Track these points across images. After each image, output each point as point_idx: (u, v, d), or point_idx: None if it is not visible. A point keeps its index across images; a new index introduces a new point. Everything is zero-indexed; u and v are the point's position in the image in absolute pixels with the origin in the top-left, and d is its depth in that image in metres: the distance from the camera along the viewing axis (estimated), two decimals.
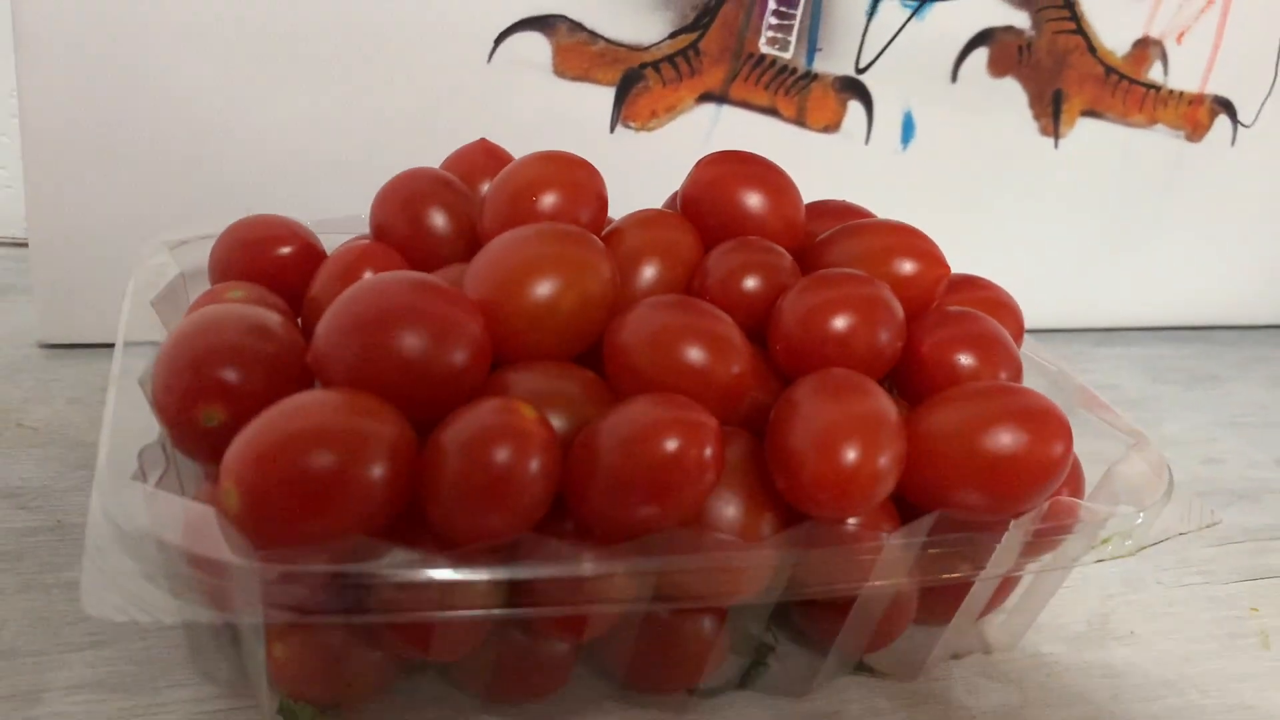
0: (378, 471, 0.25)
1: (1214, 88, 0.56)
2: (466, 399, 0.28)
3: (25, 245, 0.51)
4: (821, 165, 0.50)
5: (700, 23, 0.46)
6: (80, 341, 0.45)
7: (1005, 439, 0.30)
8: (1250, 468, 0.51)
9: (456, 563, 0.26)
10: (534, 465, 0.26)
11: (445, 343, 0.28)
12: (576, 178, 0.35)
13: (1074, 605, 0.40)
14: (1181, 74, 0.55)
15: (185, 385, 0.28)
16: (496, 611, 0.27)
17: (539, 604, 0.27)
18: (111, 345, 0.44)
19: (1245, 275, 0.63)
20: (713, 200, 0.36)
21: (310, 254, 0.36)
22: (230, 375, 0.28)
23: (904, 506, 0.31)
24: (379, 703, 0.30)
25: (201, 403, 0.28)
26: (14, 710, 0.29)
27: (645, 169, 0.44)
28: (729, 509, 0.30)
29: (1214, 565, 0.44)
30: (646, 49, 0.46)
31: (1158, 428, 0.54)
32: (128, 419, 0.29)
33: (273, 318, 0.30)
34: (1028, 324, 0.52)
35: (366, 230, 0.38)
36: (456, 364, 0.28)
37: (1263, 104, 0.57)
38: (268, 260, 0.36)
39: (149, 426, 0.29)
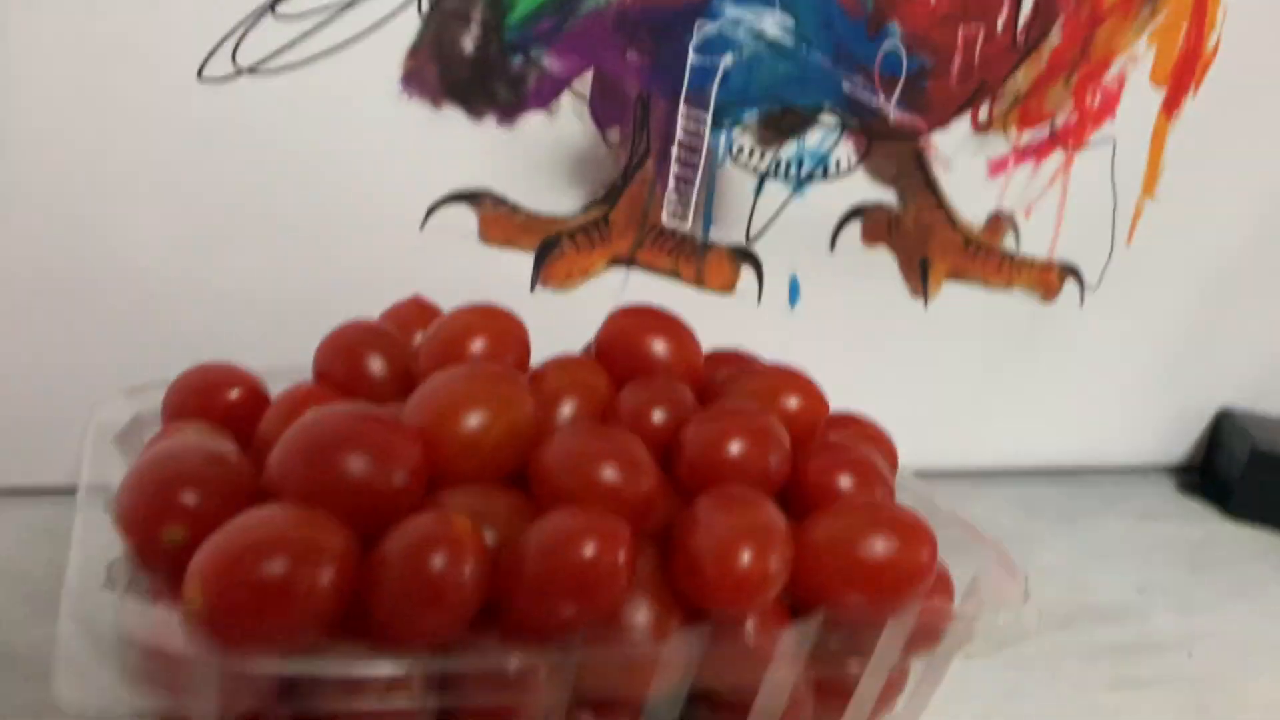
0: (326, 576, 0.28)
1: (1061, 255, 0.64)
2: (406, 515, 0.31)
3: None
4: (719, 322, 0.54)
5: (610, 198, 0.52)
6: (23, 486, 0.47)
7: (879, 545, 0.34)
8: (1115, 592, 0.56)
9: (396, 658, 0.29)
10: (467, 570, 0.29)
11: (386, 464, 0.31)
12: (503, 325, 0.40)
13: (957, 712, 0.43)
14: (1032, 243, 0.63)
15: (150, 507, 0.31)
16: (430, 707, 0.30)
17: (472, 698, 0.30)
18: (55, 491, 0.47)
19: (1104, 420, 0.70)
20: (623, 346, 0.41)
21: (257, 397, 0.40)
22: (190, 499, 0.31)
23: (795, 612, 0.35)
24: None
25: (165, 522, 0.31)
26: None
27: (562, 326, 0.48)
28: (640, 613, 0.33)
29: (1083, 679, 0.48)
30: (562, 220, 0.52)
31: (1033, 558, 0.59)
32: (93, 539, 0.31)
33: (227, 446, 0.34)
34: (910, 466, 0.58)
35: (309, 378, 0.42)
36: (396, 483, 0.31)
37: (1104, 268, 0.65)
38: (218, 403, 0.39)
39: (112, 545, 0.31)
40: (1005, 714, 0.44)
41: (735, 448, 0.36)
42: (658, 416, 0.38)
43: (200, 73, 0.44)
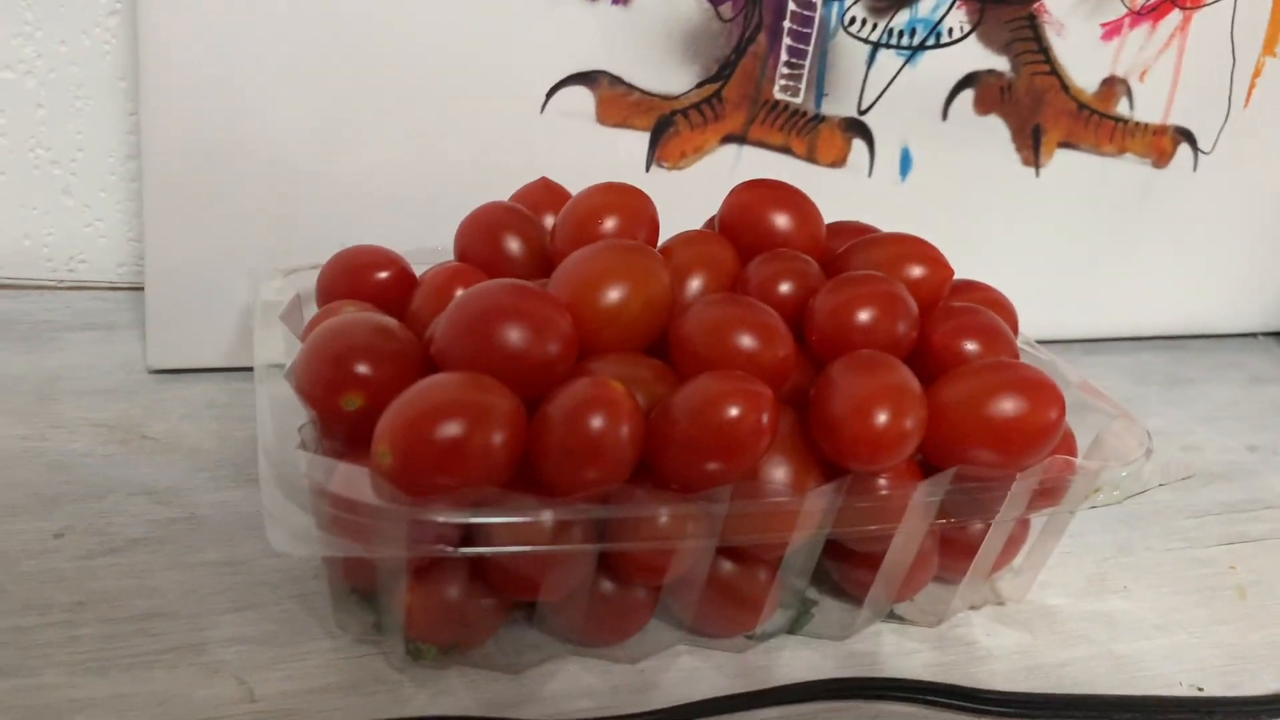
0: (499, 437, 0.31)
1: (1175, 119, 0.63)
2: (559, 384, 0.33)
3: (118, 288, 0.58)
4: (830, 196, 0.55)
5: (722, 74, 0.52)
6: (184, 367, 0.50)
7: (1008, 405, 0.35)
8: (1224, 453, 0.57)
9: (560, 508, 0.31)
10: (624, 430, 0.32)
11: (542, 334, 0.33)
12: (633, 203, 0.41)
13: (1073, 567, 0.45)
14: (1146, 108, 0.62)
15: (328, 377, 0.34)
16: (593, 547, 0.33)
17: (627, 546, 0.33)
18: (210, 369, 0.50)
19: (1213, 288, 0.70)
20: (746, 221, 0.42)
21: (405, 277, 0.42)
22: (364, 368, 0.34)
23: (927, 470, 0.37)
24: (489, 645, 0.36)
25: (343, 391, 0.33)
26: (184, 658, 0.34)
27: (677, 203, 0.50)
28: (780, 470, 0.35)
29: (1195, 533, 0.49)
30: (676, 98, 0.52)
31: (1143, 422, 0.59)
32: (278, 407, 0.34)
33: (392, 322, 0.36)
34: (1019, 336, 0.58)
35: (446, 258, 0.44)
36: (551, 352, 0.33)
37: (1219, 133, 0.64)
38: (369, 283, 0.42)
39: (295, 412, 0.34)
40: (1119, 566, 0.46)
41: (864, 315, 0.37)
42: (785, 288, 0.39)
43: None
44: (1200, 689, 0.39)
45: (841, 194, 0.57)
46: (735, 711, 0.35)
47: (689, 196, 0.53)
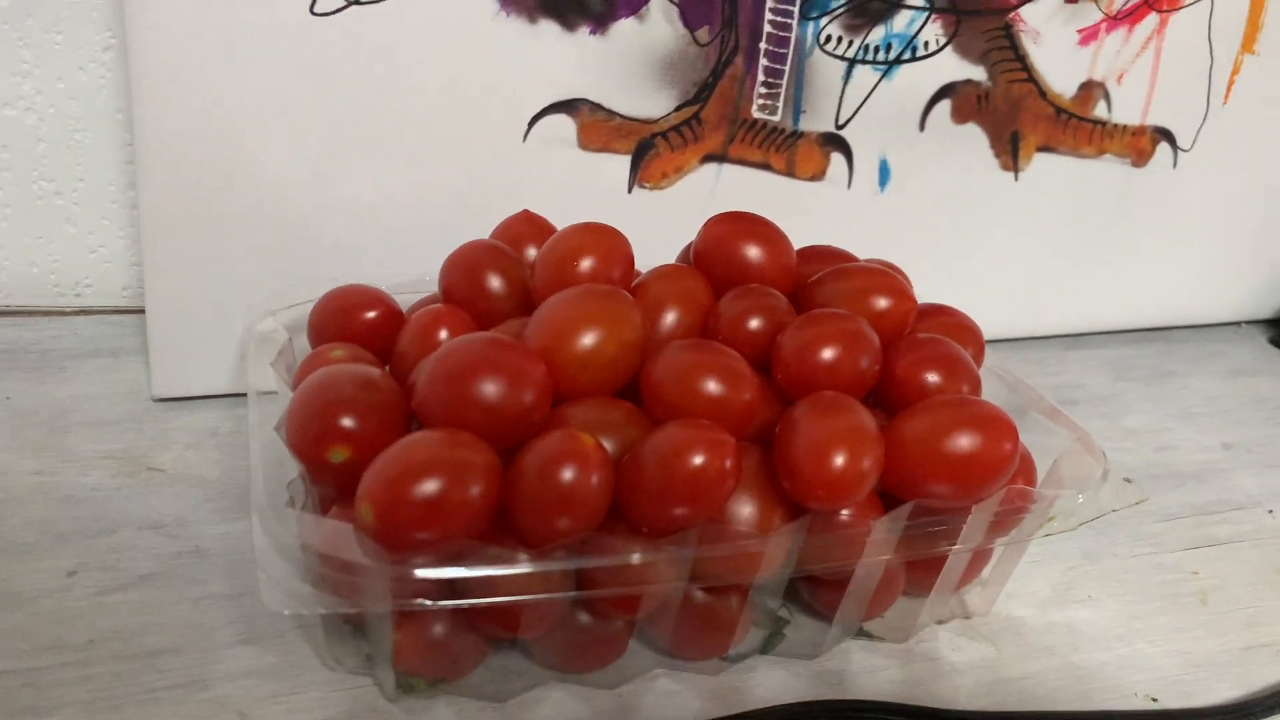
0: (476, 490, 0.33)
1: (1154, 120, 0.64)
2: (536, 430, 0.35)
3: (123, 312, 0.60)
4: (811, 210, 0.57)
5: (700, 96, 0.54)
6: (188, 394, 0.52)
7: (964, 441, 0.37)
8: (1199, 451, 0.59)
9: (537, 558, 0.33)
10: (594, 479, 0.34)
11: (517, 387, 0.35)
12: (609, 243, 0.43)
13: (1040, 576, 0.47)
14: (1124, 109, 0.63)
15: (316, 431, 0.36)
16: (569, 595, 0.35)
17: (601, 588, 0.35)
18: (212, 396, 0.52)
19: (1195, 279, 0.71)
20: (719, 254, 0.44)
21: (392, 315, 0.44)
22: (349, 422, 0.36)
23: (889, 500, 0.39)
24: (475, 675, 0.38)
25: (330, 444, 0.35)
26: (192, 693, 0.36)
27: (659, 222, 0.52)
28: (746, 508, 0.37)
29: (1162, 538, 0.51)
30: (656, 121, 0.54)
31: (1120, 421, 0.61)
32: (268, 460, 0.36)
33: (376, 373, 0.38)
34: (1003, 334, 0.60)
35: (432, 287, 0.46)
36: (527, 403, 0.35)
37: (1198, 131, 0.65)
38: (358, 323, 0.44)
39: (285, 465, 0.36)
40: (1085, 574, 0.47)
41: (828, 354, 0.39)
42: (754, 324, 0.41)
43: (313, 8, 0.46)
44: (1154, 699, 0.41)
45: (821, 207, 0.58)
46: None
47: (671, 215, 0.55)
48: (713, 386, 0.37)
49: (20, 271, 0.58)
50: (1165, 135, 0.64)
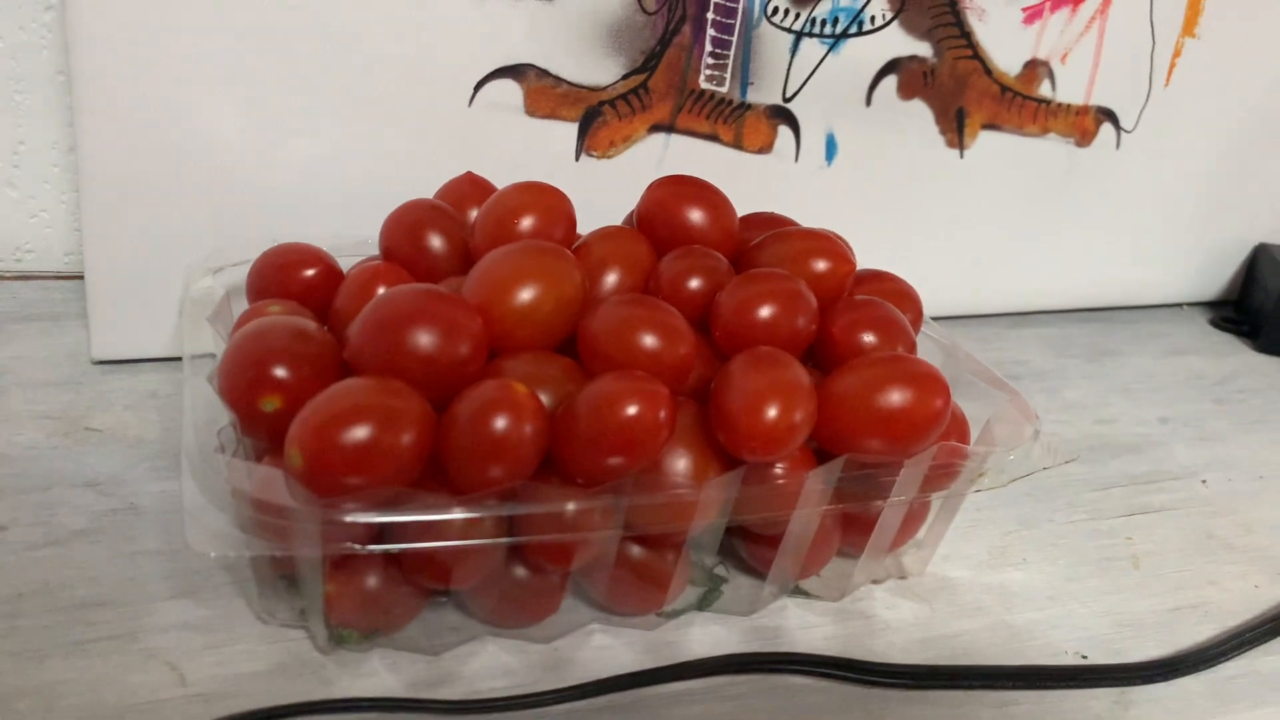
0: (407, 438, 0.33)
1: (1097, 99, 0.65)
2: (470, 382, 0.35)
3: (64, 278, 0.59)
4: (758, 182, 0.58)
5: (648, 65, 0.54)
6: (127, 357, 0.52)
7: (895, 396, 0.38)
8: (1137, 424, 0.60)
9: (468, 505, 0.33)
10: (527, 429, 0.34)
11: (452, 337, 0.35)
12: (550, 202, 0.43)
13: (977, 540, 0.48)
14: (1068, 89, 0.64)
15: (248, 380, 0.35)
16: (501, 540, 0.35)
17: (536, 538, 0.35)
18: (153, 360, 0.52)
19: (1137, 260, 0.72)
20: (662, 217, 0.44)
21: (331, 274, 0.44)
22: (282, 372, 0.35)
23: (823, 456, 0.39)
24: (410, 629, 0.38)
25: (262, 394, 0.35)
26: (122, 645, 0.36)
27: (607, 191, 0.51)
28: (681, 462, 0.37)
29: (1099, 505, 0.52)
30: (604, 89, 0.54)
31: (1060, 395, 0.62)
32: (200, 409, 0.36)
33: (310, 325, 0.38)
34: (945, 312, 0.61)
35: (373, 251, 0.46)
36: (461, 354, 0.35)
37: (1141, 111, 0.66)
38: (296, 281, 0.43)
39: (217, 413, 0.36)
40: (1021, 539, 0.48)
41: (765, 311, 0.39)
42: (694, 284, 0.41)
43: None
44: (1084, 656, 0.42)
45: (768, 179, 0.58)
46: (643, 686, 0.37)
47: (619, 184, 0.55)
48: (649, 341, 0.37)
49: None
50: (1108, 115, 0.65)
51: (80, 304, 0.56)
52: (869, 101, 0.59)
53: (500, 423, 0.33)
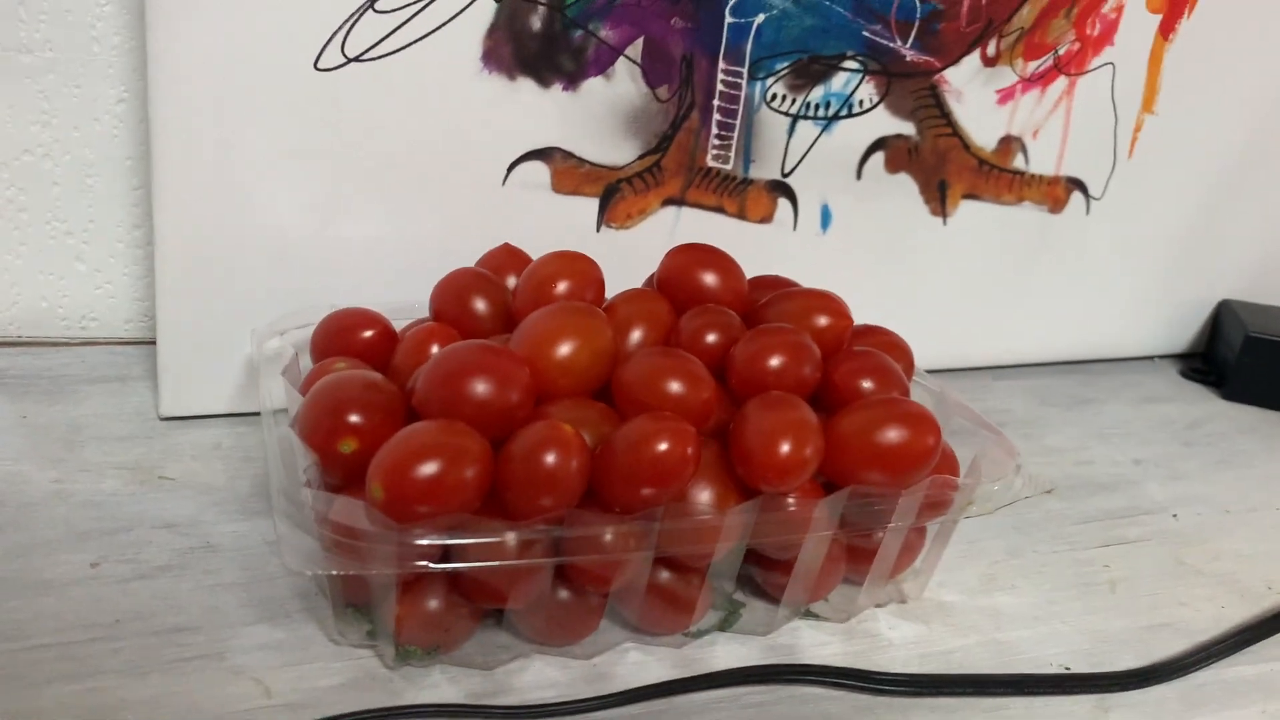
0: (470, 472, 0.38)
1: (1067, 170, 0.71)
2: (520, 425, 0.40)
3: (126, 343, 0.64)
4: (761, 249, 0.63)
5: (661, 146, 0.60)
6: (192, 414, 0.57)
7: (893, 434, 0.43)
8: (1113, 465, 0.65)
9: (522, 529, 0.38)
10: (574, 464, 0.39)
11: (505, 386, 0.40)
12: (582, 268, 0.48)
13: (969, 569, 0.52)
14: (1040, 161, 0.70)
15: (328, 426, 0.41)
16: (550, 560, 0.40)
17: (578, 560, 0.40)
18: (214, 415, 0.57)
19: (1111, 317, 0.78)
20: (680, 279, 0.50)
21: (387, 335, 0.49)
22: (357, 418, 0.41)
23: (830, 489, 0.44)
24: (466, 647, 0.42)
25: (340, 437, 0.40)
26: (212, 663, 0.40)
27: (625, 258, 0.57)
28: (705, 493, 0.42)
29: (1077, 537, 0.57)
30: (621, 168, 0.60)
31: (1042, 440, 0.67)
32: (283, 453, 0.41)
33: (379, 377, 0.43)
34: (934, 365, 0.66)
35: (421, 313, 0.51)
36: (513, 400, 0.40)
37: (1108, 181, 0.72)
38: (357, 341, 0.49)
39: (297, 458, 0.41)
40: (1009, 567, 0.53)
41: (775, 361, 0.44)
42: (711, 338, 0.47)
43: (316, 64, 0.52)
44: (1067, 667, 0.46)
45: (769, 246, 0.64)
46: (674, 695, 0.42)
47: (635, 253, 0.61)
48: (675, 386, 0.42)
49: (32, 305, 0.62)
50: (1078, 185, 0.71)
51: (143, 367, 0.61)
52: (859, 175, 0.65)
53: (550, 458, 0.38)
